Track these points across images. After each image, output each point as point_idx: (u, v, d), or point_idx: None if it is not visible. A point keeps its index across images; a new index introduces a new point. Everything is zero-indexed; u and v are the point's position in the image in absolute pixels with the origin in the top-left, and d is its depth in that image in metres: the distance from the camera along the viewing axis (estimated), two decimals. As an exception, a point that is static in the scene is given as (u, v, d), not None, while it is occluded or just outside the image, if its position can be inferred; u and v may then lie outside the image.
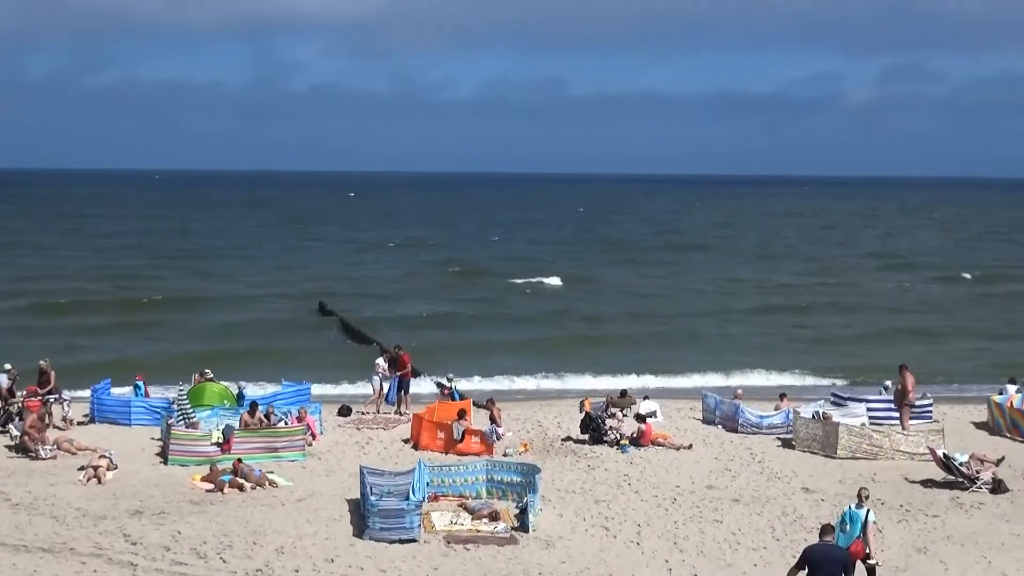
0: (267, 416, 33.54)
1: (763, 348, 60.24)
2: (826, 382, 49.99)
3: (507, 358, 55.00)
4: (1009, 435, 37.20)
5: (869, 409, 38.00)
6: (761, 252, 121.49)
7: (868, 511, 22.13)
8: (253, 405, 33.98)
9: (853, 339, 63.85)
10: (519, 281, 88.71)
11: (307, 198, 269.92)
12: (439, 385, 41.08)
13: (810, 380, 50.88)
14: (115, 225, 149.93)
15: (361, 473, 27.10)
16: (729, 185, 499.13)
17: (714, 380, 49.55)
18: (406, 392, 39.59)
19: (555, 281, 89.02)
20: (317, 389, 42.09)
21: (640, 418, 35.65)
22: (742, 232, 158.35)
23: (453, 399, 38.52)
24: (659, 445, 34.50)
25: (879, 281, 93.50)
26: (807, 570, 19.02)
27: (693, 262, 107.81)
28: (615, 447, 34.09)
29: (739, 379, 49.13)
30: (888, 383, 40.98)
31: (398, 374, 39.56)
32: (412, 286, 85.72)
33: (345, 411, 38.71)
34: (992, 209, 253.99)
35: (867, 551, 22.20)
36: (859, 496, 22.63)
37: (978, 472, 30.41)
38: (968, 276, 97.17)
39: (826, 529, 19.75)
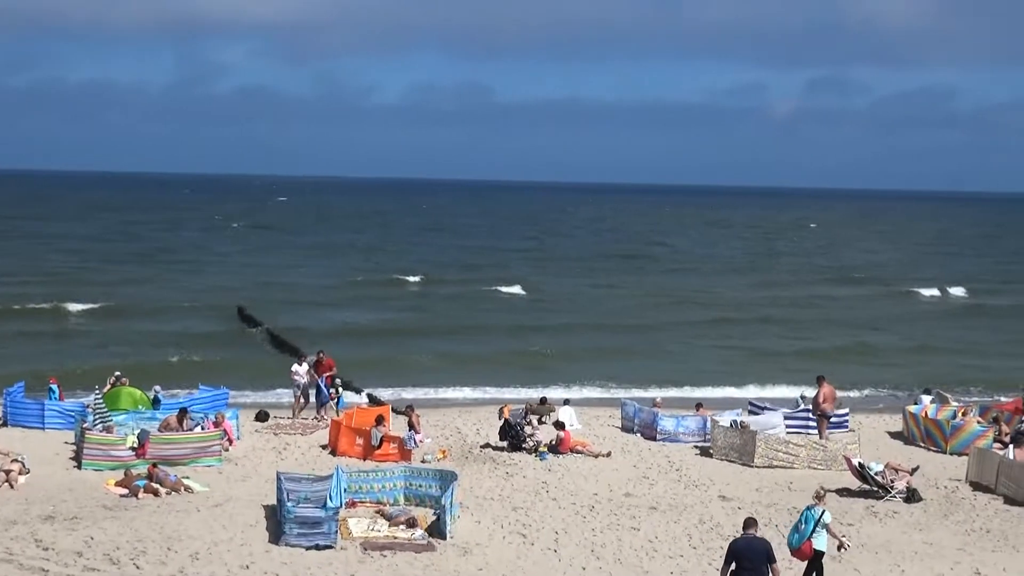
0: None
1: (700, 361, 60.01)
2: (763, 395, 49.39)
3: (434, 368, 54.94)
4: (923, 445, 37.63)
5: (786, 418, 38.30)
6: (706, 263, 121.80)
7: (823, 511, 22.26)
8: (182, 411, 33.55)
9: (795, 353, 63.05)
10: (477, 289, 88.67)
11: (236, 201, 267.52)
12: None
13: (752, 392, 49.55)
14: (43, 227, 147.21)
15: (278, 479, 26.87)
16: (656, 194, 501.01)
17: (655, 393, 48.79)
18: (328, 397, 39.41)
19: (516, 290, 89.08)
20: (235, 394, 41.75)
21: (559, 425, 35.69)
22: (684, 242, 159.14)
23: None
24: (577, 453, 34.58)
25: (827, 294, 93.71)
26: (736, 563, 19.49)
27: (644, 272, 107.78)
28: (533, 454, 34.10)
29: (663, 392, 48.75)
30: (805, 393, 41.31)
31: (324, 375, 39.37)
32: (359, 293, 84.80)
33: (263, 416, 38.46)
34: (923, 222, 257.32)
35: (841, 543, 22.99)
36: (816, 495, 22.94)
37: (893, 481, 30.71)
38: (917, 291, 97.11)
39: (748, 522, 20.15)
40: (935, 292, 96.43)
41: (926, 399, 41.09)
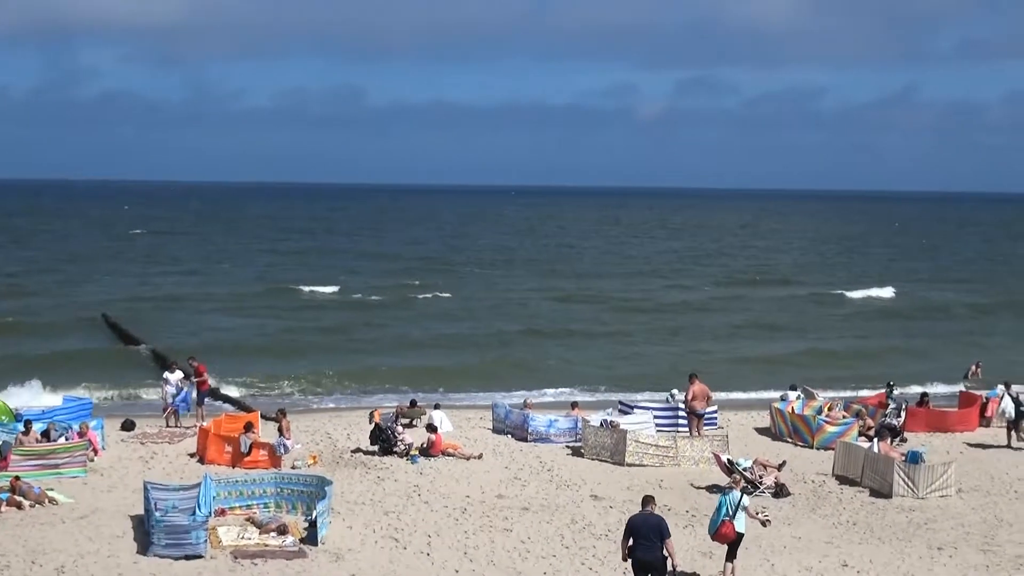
0: (46, 433, 32.55)
1: (579, 364, 59.45)
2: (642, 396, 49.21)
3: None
4: (790, 440, 38.11)
5: (655, 417, 38.59)
6: (621, 265, 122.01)
7: (741, 495, 23.45)
8: (27, 424, 32.87)
9: (690, 353, 62.70)
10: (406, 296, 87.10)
11: (111, 208, 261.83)
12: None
13: (619, 396, 48.96)
14: None
15: (145, 488, 26.51)
16: (535, 195, 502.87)
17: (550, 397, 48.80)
18: (200, 403, 38.98)
19: (445, 294, 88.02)
20: (100, 403, 41.09)
21: (431, 428, 35.59)
22: (596, 243, 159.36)
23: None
24: (449, 455, 34.51)
25: (738, 295, 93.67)
26: (632, 537, 21.20)
27: (563, 275, 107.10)
28: (405, 458, 33.97)
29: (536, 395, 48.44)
30: (675, 391, 41.64)
31: (195, 380, 38.94)
32: (266, 304, 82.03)
33: (129, 425, 37.82)
34: (812, 221, 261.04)
35: (739, 533, 23.41)
36: (733, 480, 24.78)
37: (761, 477, 31.08)
38: (822, 291, 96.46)
39: (645, 500, 21.88)
40: (837, 291, 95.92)
41: (792, 395, 41.60)
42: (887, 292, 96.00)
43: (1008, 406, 38.41)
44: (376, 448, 34.76)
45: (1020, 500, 31.22)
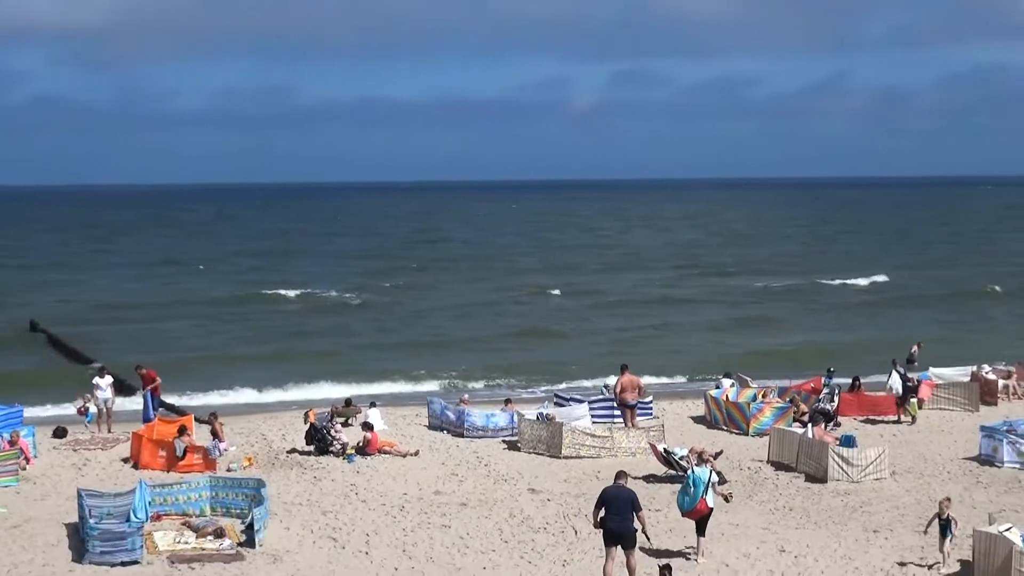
0: (-24, 443, 32.17)
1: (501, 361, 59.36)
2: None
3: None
4: (726, 428, 38.32)
5: (591, 408, 38.65)
6: (568, 260, 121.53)
7: (710, 472, 24.57)
8: None
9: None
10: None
11: (47, 214, 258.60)
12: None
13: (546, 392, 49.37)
14: None
15: (79, 495, 26.24)
16: (463, 191, 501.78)
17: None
18: (156, 408, 38.72)
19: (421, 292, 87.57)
20: (30, 411, 40.62)
21: (367, 426, 35.46)
22: (564, 239, 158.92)
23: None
24: (385, 453, 34.41)
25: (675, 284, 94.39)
26: (604, 509, 22.45)
27: (547, 272, 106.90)
28: (341, 457, 33.83)
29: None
30: (608, 382, 41.72)
31: (148, 389, 38.68)
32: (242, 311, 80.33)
33: (60, 433, 37.38)
34: (760, 209, 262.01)
35: (711, 508, 24.49)
36: (699, 458, 26.23)
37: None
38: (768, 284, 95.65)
39: (619, 474, 23.21)
40: (814, 281, 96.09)
41: (727, 383, 41.79)
42: (866, 280, 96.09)
43: (896, 382, 39.27)
44: (312, 448, 34.60)
45: (953, 480, 31.58)
